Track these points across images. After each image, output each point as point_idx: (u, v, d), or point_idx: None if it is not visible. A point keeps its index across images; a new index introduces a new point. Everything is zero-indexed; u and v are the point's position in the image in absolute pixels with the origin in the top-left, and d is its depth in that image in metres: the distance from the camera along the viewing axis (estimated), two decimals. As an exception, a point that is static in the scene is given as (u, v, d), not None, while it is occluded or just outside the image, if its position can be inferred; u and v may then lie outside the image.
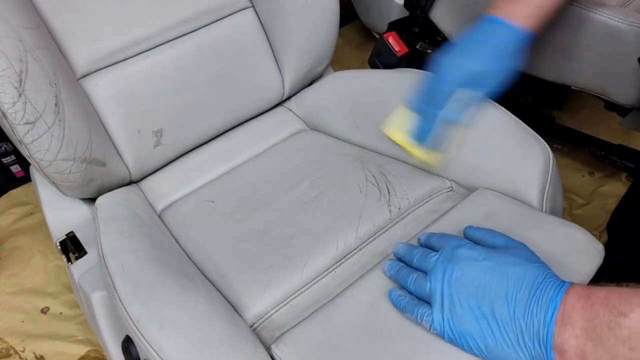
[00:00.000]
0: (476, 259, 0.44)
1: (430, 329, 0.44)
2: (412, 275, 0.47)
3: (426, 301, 0.46)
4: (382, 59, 1.03)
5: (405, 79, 0.72)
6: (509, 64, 0.60)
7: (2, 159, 1.13)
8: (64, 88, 0.57)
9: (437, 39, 1.07)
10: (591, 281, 0.51)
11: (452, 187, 0.68)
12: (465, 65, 0.59)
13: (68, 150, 0.59)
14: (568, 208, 1.10)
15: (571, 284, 0.39)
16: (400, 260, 0.52)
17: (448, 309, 0.43)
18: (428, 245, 0.52)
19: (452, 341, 0.43)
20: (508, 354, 0.39)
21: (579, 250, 0.53)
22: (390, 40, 1.01)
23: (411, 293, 0.47)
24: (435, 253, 0.47)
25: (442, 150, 0.65)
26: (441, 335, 0.44)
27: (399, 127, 0.66)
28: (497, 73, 0.59)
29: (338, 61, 0.93)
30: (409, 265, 0.50)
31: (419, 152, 0.66)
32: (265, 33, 0.79)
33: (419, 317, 0.45)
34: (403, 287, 0.49)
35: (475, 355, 0.42)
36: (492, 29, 0.60)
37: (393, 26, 1.05)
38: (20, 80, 0.52)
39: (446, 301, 0.43)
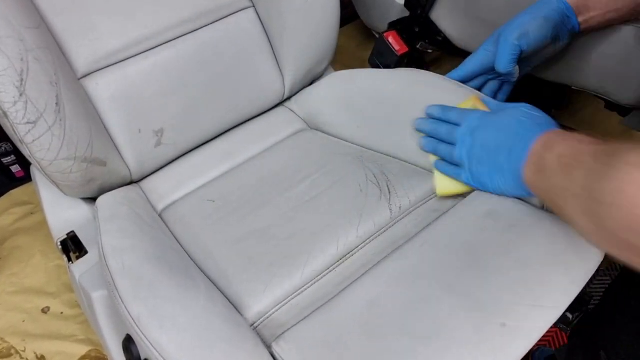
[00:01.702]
0: (484, 131, 0.56)
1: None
2: (442, 146, 0.62)
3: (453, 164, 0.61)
4: (382, 59, 1.03)
5: (406, 79, 0.72)
6: (556, 28, 0.65)
7: (3, 159, 1.13)
8: (64, 88, 0.57)
9: (437, 39, 1.06)
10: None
11: (452, 186, 0.68)
12: (520, 19, 0.65)
13: (69, 149, 0.59)
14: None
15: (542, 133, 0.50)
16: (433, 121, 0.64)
17: (470, 171, 0.58)
18: (447, 119, 0.62)
19: (477, 187, 0.59)
20: (508, 190, 0.56)
21: (579, 248, 0.53)
22: (391, 39, 1.01)
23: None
24: (458, 128, 0.59)
25: None
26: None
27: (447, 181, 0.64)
28: (544, 31, 0.65)
29: (338, 61, 0.93)
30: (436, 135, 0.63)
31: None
32: (266, 33, 0.79)
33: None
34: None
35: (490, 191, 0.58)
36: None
37: (393, 26, 1.05)
38: (22, 80, 0.52)
39: (468, 165, 0.58)
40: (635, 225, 0.34)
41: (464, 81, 0.70)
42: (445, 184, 0.63)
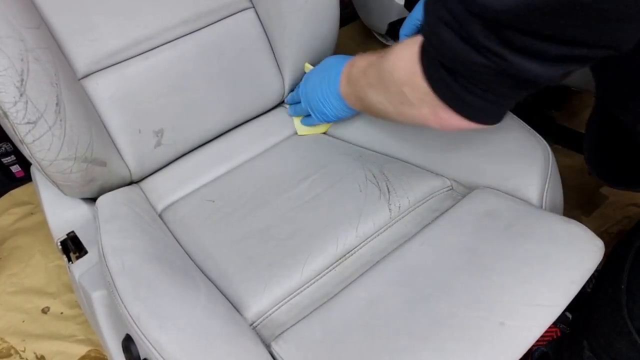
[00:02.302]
0: (310, 77, 0.75)
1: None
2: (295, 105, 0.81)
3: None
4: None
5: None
6: None
7: (3, 159, 1.13)
8: (65, 88, 0.57)
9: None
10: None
11: (452, 186, 0.68)
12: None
13: (69, 150, 0.59)
14: (568, 208, 1.10)
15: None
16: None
17: (310, 108, 0.75)
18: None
19: (321, 119, 0.75)
20: (337, 108, 0.70)
21: (579, 247, 0.53)
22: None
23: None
24: (298, 86, 0.80)
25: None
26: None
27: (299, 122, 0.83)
28: None
29: (338, 61, 0.93)
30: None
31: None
32: (266, 33, 0.79)
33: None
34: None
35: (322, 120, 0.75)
36: None
37: (393, 27, 1.05)
38: (22, 80, 0.53)
39: (307, 103, 0.75)
40: (405, 79, 0.49)
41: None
42: (301, 127, 0.82)
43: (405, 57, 0.49)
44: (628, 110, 0.53)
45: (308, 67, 0.79)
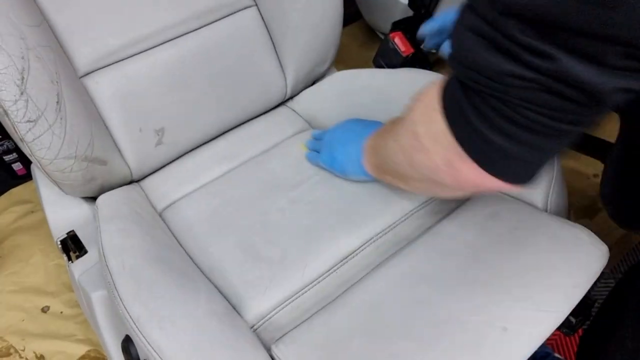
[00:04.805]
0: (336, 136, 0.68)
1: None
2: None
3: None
4: (387, 59, 1.03)
5: (409, 79, 0.72)
6: None
7: (4, 157, 1.13)
8: (65, 86, 0.57)
9: (441, 39, 1.06)
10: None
11: (455, 188, 0.68)
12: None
13: (69, 148, 0.58)
14: (573, 211, 1.10)
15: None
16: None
17: (327, 158, 0.68)
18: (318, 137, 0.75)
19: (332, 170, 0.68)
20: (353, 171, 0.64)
21: (583, 251, 0.53)
22: (396, 40, 1.00)
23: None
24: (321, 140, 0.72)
25: None
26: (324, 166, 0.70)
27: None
28: None
29: (341, 60, 0.93)
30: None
31: None
32: (268, 32, 0.78)
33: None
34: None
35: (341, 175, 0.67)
36: None
37: (397, 26, 1.04)
38: (22, 78, 0.52)
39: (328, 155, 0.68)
40: (421, 116, 0.43)
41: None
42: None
43: (426, 94, 0.42)
44: None
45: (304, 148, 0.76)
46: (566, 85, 0.30)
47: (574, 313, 0.52)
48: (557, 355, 0.82)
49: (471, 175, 0.38)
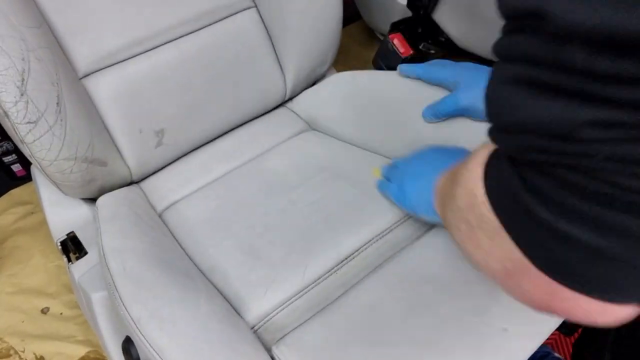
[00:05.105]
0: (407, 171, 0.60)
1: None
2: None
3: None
4: (386, 61, 1.03)
5: (408, 81, 0.72)
6: None
7: (4, 158, 1.13)
8: (65, 87, 0.57)
9: (440, 40, 1.06)
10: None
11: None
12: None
13: (69, 149, 0.58)
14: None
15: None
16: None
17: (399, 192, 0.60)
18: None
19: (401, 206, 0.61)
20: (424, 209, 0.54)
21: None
22: (395, 41, 1.00)
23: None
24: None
25: None
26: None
27: None
28: None
29: (340, 60, 0.93)
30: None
31: None
32: (268, 33, 0.78)
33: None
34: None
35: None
36: None
37: (396, 26, 1.04)
38: (23, 80, 0.52)
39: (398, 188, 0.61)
40: (467, 204, 0.32)
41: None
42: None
43: (472, 171, 0.31)
44: None
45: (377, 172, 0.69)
46: None
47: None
48: (556, 354, 0.82)
49: (539, 292, 0.27)
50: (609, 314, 0.25)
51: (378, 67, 1.06)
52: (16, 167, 1.15)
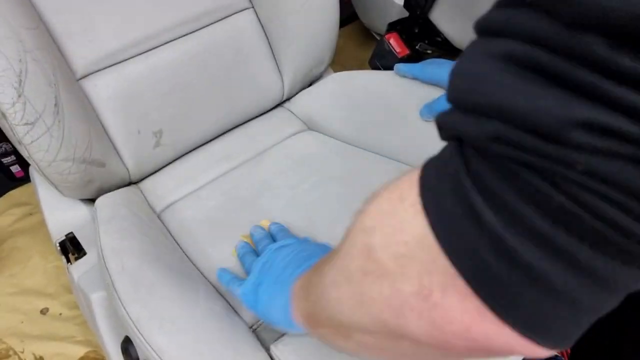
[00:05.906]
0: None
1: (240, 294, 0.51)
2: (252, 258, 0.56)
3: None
4: (383, 61, 1.03)
5: (405, 80, 0.72)
6: None
7: (2, 159, 1.13)
8: (63, 89, 0.57)
9: (437, 40, 1.07)
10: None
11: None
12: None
13: (67, 150, 0.59)
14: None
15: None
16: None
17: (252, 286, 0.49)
18: (274, 235, 0.60)
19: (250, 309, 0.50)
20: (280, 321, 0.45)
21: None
22: (392, 41, 1.00)
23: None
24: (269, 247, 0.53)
25: None
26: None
27: None
28: None
29: (337, 61, 0.93)
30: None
31: None
32: (265, 34, 0.79)
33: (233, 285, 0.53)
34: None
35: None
36: None
37: (392, 26, 1.05)
38: (20, 81, 0.52)
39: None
40: (374, 224, 0.29)
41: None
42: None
43: (391, 188, 0.28)
44: None
45: (265, 223, 0.63)
46: None
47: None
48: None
49: (464, 319, 0.22)
50: (516, 348, 0.22)
51: (375, 67, 1.06)
52: (15, 169, 1.15)
